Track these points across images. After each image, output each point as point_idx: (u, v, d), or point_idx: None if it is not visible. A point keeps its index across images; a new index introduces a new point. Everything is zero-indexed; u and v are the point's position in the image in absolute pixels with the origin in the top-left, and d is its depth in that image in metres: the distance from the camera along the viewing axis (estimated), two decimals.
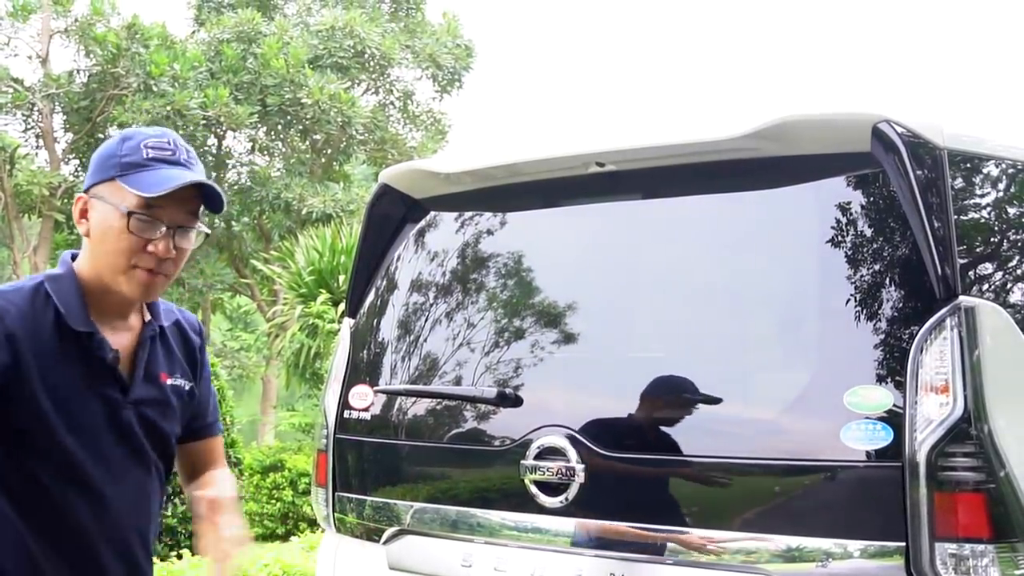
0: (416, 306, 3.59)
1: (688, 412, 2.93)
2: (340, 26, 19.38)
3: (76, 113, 18.68)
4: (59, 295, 2.24)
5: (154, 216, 2.23)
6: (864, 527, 2.56)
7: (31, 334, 2.17)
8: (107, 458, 2.27)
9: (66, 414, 2.20)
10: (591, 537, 2.96)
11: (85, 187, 2.29)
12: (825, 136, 2.79)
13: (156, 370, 2.39)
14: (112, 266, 2.24)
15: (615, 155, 3.12)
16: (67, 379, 2.21)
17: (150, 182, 2.21)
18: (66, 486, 2.22)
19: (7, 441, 2.17)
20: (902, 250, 2.68)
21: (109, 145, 2.30)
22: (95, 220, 2.25)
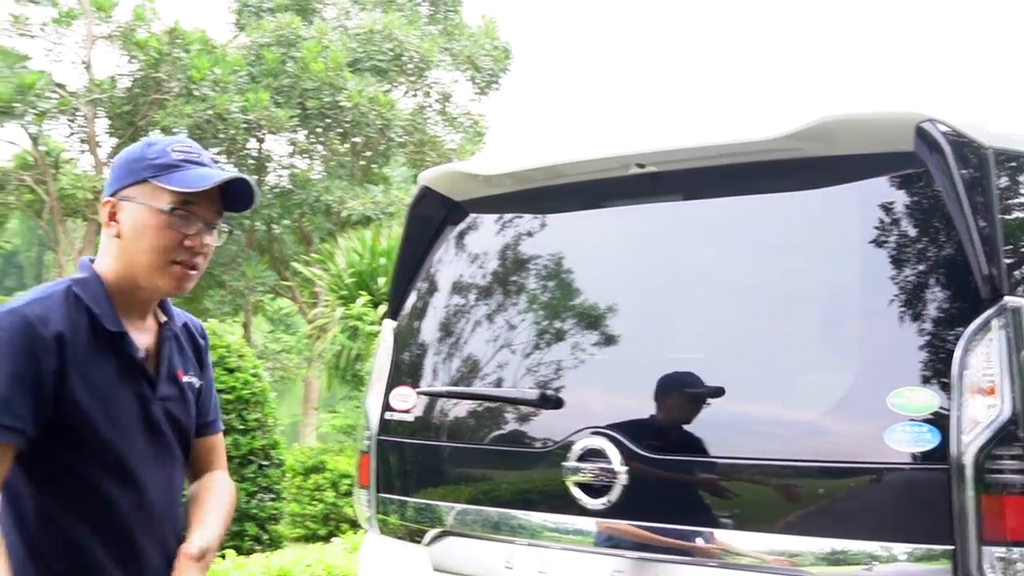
0: (457, 308, 3.59)
1: (732, 414, 2.91)
2: (379, 29, 19.46)
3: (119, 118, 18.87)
4: (89, 298, 2.32)
5: (190, 212, 2.34)
6: (910, 530, 2.53)
7: (73, 336, 2.26)
8: (142, 452, 2.37)
9: (105, 411, 2.29)
10: (633, 539, 2.95)
11: (110, 192, 2.38)
12: (868, 136, 2.77)
13: (174, 368, 2.50)
14: (149, 263, 2.34)
15: (656, 156, 3.11)
16: (104, 377, 2.30)
17: (189, 179, 2.33)
18: (109, 480, 2.30)
19: (52, 439, 2.24)
20: (947, 250, 2.66)
21: (133, 151, 2.40)
22: (128, 221, 2.34)
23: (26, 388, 2.19)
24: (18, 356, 2.19)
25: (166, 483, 2.44)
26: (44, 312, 2.25)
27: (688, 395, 2.96)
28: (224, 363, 8.51)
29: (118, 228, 2.35)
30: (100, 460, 2.29)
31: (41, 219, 19.94)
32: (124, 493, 2.32)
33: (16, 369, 2.19)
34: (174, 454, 2.47)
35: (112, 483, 2.30)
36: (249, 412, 8.65)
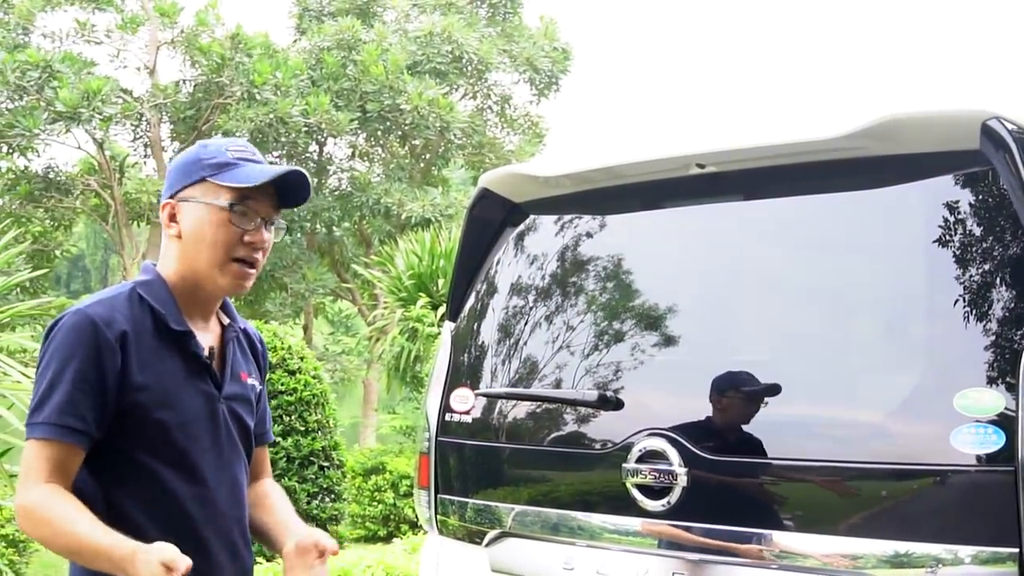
0: (516, 309, 3.60)
1: (794, 415, 2.89)
2: (438, 32, 19.54)
3: (182, 122, 19.13)
4: (154, 298, 2.37)
5: (248, 208, 2.39)
6: (975, 532, 2.50)
7: (137, 336, 2.31)
8: (208, 449, 2.40)
9: (171, 408, 2.33)
10: (693, 541, 2.94)
11: (168, 195, 2.43)
12: (932, 134, 2.74)
13: (238, 369, 2.54)
14: (210, 260, 2.39)
15: (716, 156, 3.10)
16: (169, 376, 2.34)
17: (246, 175, 2.38)
18: (176, 476, 2.34)
19: (119, 436, 2.29)
20: (1013, 249, 2.62)
21: (188, 154, 2.45)
22: (188, 221, 2.39)
23: (90, 389, 2.23)
24: (83, 357, 2.24)
25: (231, 480, 2.46)
26: (108, 312, 2.29)
27: (749, 396, 2.94)
28: (285, 365, 8.60)
29: (178, 229, 2.40)
30: (167, 456, 2.32)
31: (106, 223, 20.25)
32: (190, 489, 2.35)
33: (81, 370, 2.23)
34: (239, 453, 2.50)
35: (179, 479, 2.34)
36: (310, 414, 8.72)
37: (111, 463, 2.30)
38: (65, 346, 2.25)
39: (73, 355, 2.24)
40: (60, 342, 2.26)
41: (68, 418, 2.21)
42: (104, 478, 2.30)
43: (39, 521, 2.21)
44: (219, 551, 2.41)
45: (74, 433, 2.22)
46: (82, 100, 16.94)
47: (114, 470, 2.30)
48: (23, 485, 2.23)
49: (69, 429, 2.21)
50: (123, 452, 2.29)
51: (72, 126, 17.62)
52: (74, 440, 2.22)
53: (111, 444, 2.28)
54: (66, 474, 2.23)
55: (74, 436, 2.22)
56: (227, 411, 2.46)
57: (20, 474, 2.24)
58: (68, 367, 2.23)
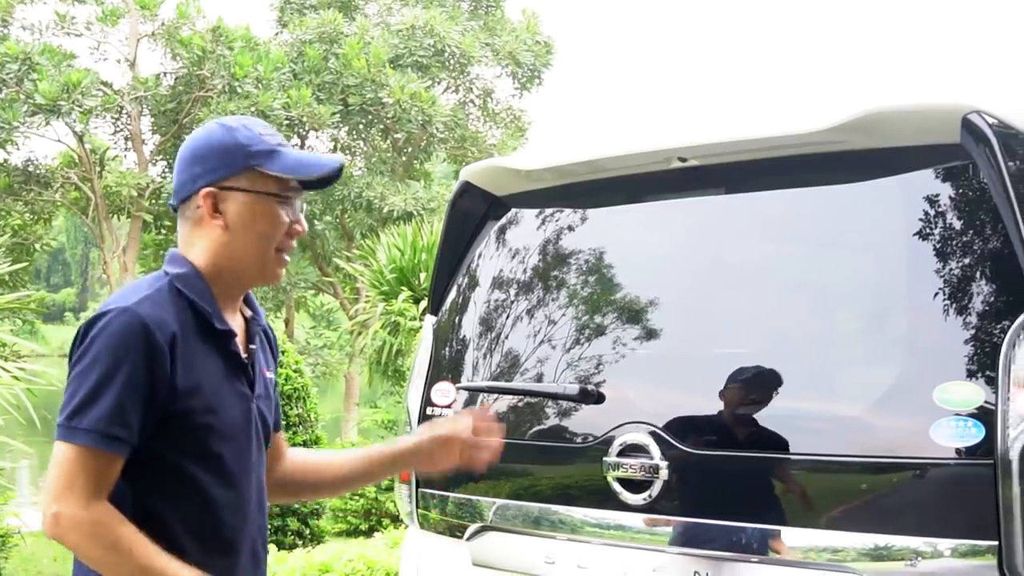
0: (498, 303, 3.59)
1: (773, 409, 2.89)
2: (420, 25, 19.51)
3: (163, 115, 19.06)
4: (195, 294, 2.26)
5: (293, 197, 2.33)
6: (955, 525, 2.51)
7: (184, 336, 2.20)
8: (240, 452, 2.32)
9: (216, 413, 2.24)
10: (674, 535, 2.94)
11: (206, 183, 2.28)
12: (913, 128, 2.74)
13: (261, 365, 2.45)
14: (260, 252, 2.31)
15: (698, 150, 3.10)
16: (211, 378, 2.25)
17: (297, 164, 2.31)
18: (211, 481, 2.24)
19: (159, 440, 2.18)
20: (993, 243, 2.62)
21: (220, 139, 2.30)
22: (236, 211, 2.28)
23: (139, 396, 2.12)
24: (135, 362, 2.11)
25: (258, 483, 2.40)
26: (158, 312, 2.17)
27: (729, 390, 2.94)
28: None
29: (223, 219, 2.28)
30: (205, 461, 2.23)
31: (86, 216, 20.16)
32: (225, 495, 2.27)
33: (132, 375, 2.11)
34: (263, 454, 2.43)
35: (215, 484, 2.25)
36: (291, 408, 8.72)
37: (147, 468, 2.18)
38: (114, 348, 2.11)
39: (124, 359, 2.11)
40: (108, 343, 2.12)
41: (115, 427, 2.09)
42: (138, 483, 2.18)
43: (106, 542, 2.09)
44: (245, 558, 2.35)
45: (119, 443, 2.11)
46: (62, 93, 16.86)
47: (150, 475, 2.19)
48: (69, 494, 2.09)
49: (115, 439, 2.10)
50: (161, 457, 2.19)
51: (52, 119, 17.54)
52: (118, 451, 2.12)
53: (149, 449, 2.17)
54: (108, 485, 2.12)
55: (118, 446, 2.11)
56: (256, 411, 2.38)
57: (59, 480, 2.10)
58: (118, 372, 2.10)
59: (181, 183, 2.33)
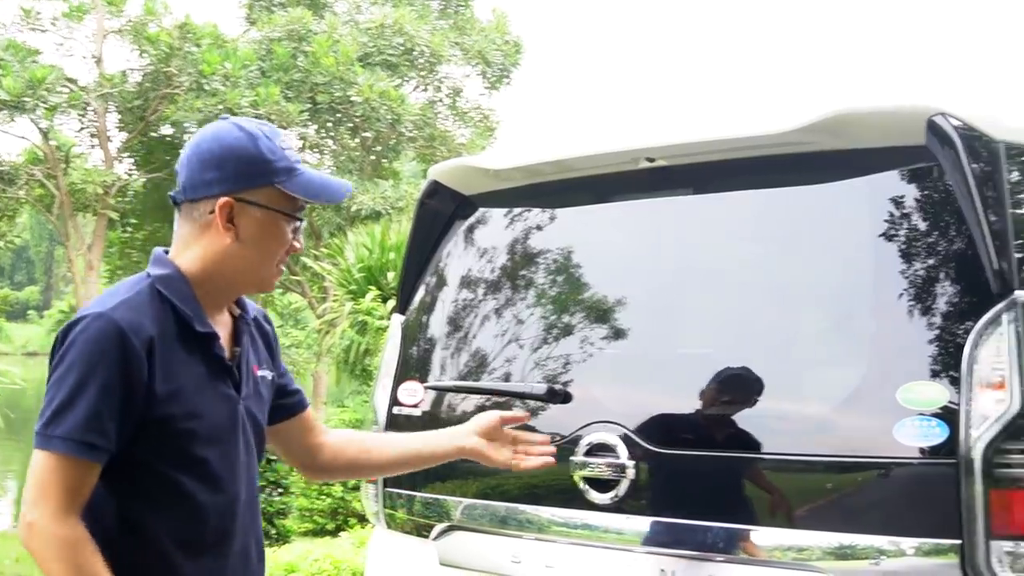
0: (466, 302, 3.59)
1: (739, 408, 2.91)
2: (389, 24, 19.47)
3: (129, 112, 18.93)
4: (176, 296, 2.22)
5: (300, 217, 2.33)
6: (918, 524, 2.53)
7: (162, 340, 2.16)
8: (228, 455, 2.28)
9: (193, 415, 2.20)
10: (641, 534, 2.95)
11: (224, 190, 2.23)
12: (879, 129, 2.76)
13: (251, 363, 2.40)
14: (263, 265, 2.29)
15: (666, 150, 3.11)
16: (192, 381, 2.21)
17: (316, 188, 2.30)
18: (196, 485, 2.21)
19: (139, 446, 2.14)
20: (957, 244, 2.65)
21: (243, 146, 2.25)
22: (249, 225, 2.24)
23: (115, 403, 2.09)
24: (110, 368, 2.08)
25: (249, 485, 2.36)
26: (135, 317, 2.13)
27: (696, 390, 2.95)
28: None
29: (236, 231, 2.24)
30: (189, 466, 2.20)
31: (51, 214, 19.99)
32: (212, 499, 2.24)
33: (108, 382, 2.08)
34: (254, 456, 2.39)
35: (201, 489, 2.22)
36: None
37: (128, 474, 2.16)
38: (89, 354, 2.08)
39: (98, 365, 2.08)
40: (83, 349, 2.09)
41: (90, 435, 2.06)
42: (119, 490, 2.16)
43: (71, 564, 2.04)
44: (235, 559, 2.31)
45: (95, 451, 2.08)
46: (26, 89, 16.71)
47: (131, 481, 2.16)
48: (43, 502, 2.06)
49: (90, 446, 2.07)
50: (142, 463, 2.16)
51: (16, 115, 17.38)
52: (94, 458, 2.09)
53: (130, 455, 2.14)
54: (83, 494, 2.10)
55: (94, 454, 2.08)
56: (245, 412, 2.33)
57: (35, 488, 2.07)
58: (92, 378, 2.07)
59: (193, 183, 2.26)
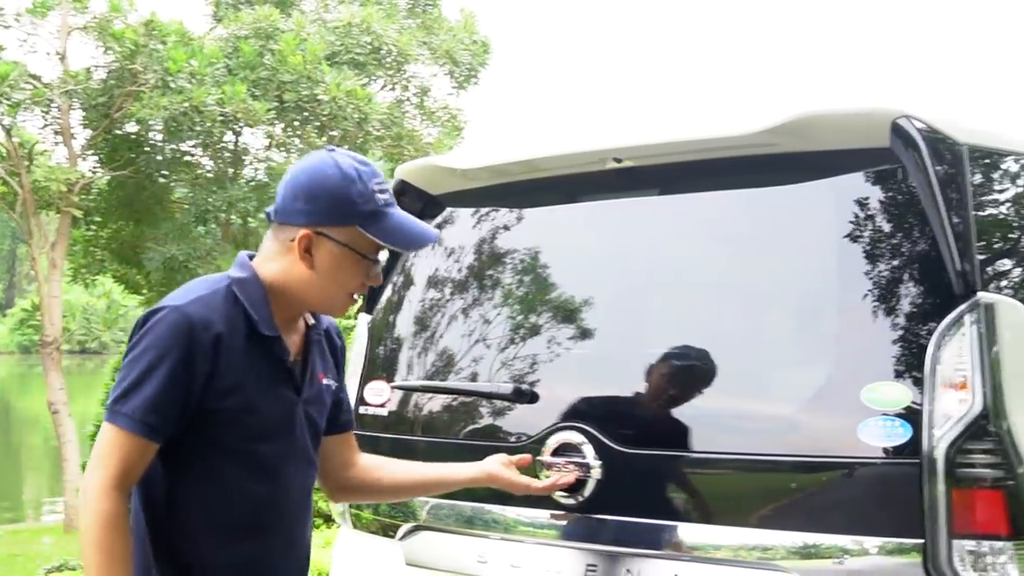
0: (433, 302, 3.59)
1: (706, 409, 2.92)
2: (357, 23, 19.37)
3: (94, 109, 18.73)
4: (248, 300, 2.38)
5: (379, 257, 2.47)
6: (882, 524, 2.55)
7: (229, 337, 2.33)
8: (281, 453, 2.44)
9: (250, 411, 2.37)
10: (607, 534, 2.95)
11: (307, 222, 2.37)
12: (844, 132, 2.78)
13: (317, 370, 2.56)
14: (333, 296, 2.45)
15: (632, 151, 3.11)
16: (253, 379, 2.37)
17: (398, 235, 2.43)
18: (246, 478, 2.38)
19: (194, 435, 2.33)
20: (921, 246, 2.67)
21: (335, 186, 2.37)
22: (325, 258, 2.39)
23: (177, 390, 2.27)
24: (176, 357, 2.27)
25: (300, 484, 2.51)
26: (206, 313, 2.31)
27: (662, 390, 2.96)
28: None
29: (311, 261, 2.39)
30: (241, 459, 2.37)
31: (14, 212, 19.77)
32: (260, 492, 2.40)
33: (172, 370, 2.26)
34: (309, 457, 2.54)
35: (250, 481, 2.38)
36: None
37: (183, 461, 2.35)
38: (160, 342, 2.27)
39: (167, 354, 2.26)
40: (156, 337, 2.28)
41: (151, 416, 2.26)
42: (172, 473, 2.35)
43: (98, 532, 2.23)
44: (277, 552, 2.46)
45: (153, 431, 2.27)
46: None
47: (184, 468, 2.35)
48: (101, 467, 2.26)
49: (149, 427, 2.26)
50: (197, 450, 2.34)
51: None
52: (152, 438, 2.28)
53: (187, 441, 2.33)
54: (137, 470, 2.28)
55: (153, 434, 2.27)
56: (303, 415, 2.49)
57: (96, 454, 2.28)
58: (161, 365, 2.26)
59: (284, 209, 2.42)
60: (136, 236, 19.21)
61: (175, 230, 18.16)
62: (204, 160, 20.02)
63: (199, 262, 19.16)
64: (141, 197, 19.08)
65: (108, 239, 20.18)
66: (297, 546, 2.53)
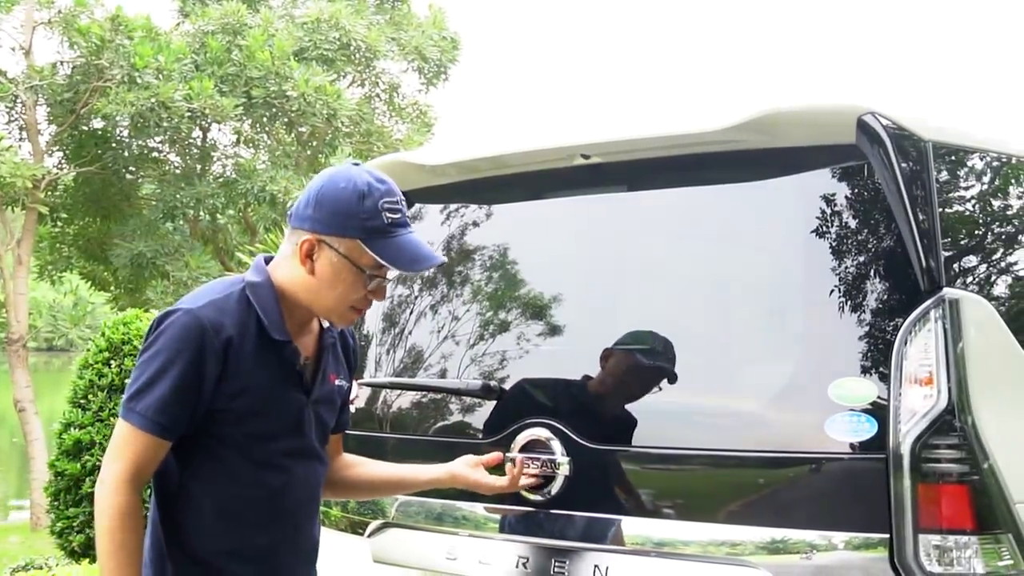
0: (401, 299, 3.57)
1: (673, 404, 2.93)
2: (325, 18, 19.29)
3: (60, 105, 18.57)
4: (260, 304, 2.46)
5: (382, 275, 2.49)
6: (849, 519, 2.56)
7: (240, 340, 2.41)
8: (289, 451, 2.52)
9: (259, 412, 2.45)
10: (575, 530, 2.95)
11: (310, 228, 2.44)
12: (810, 128, 2.78)
13: (328, 371, 2.63)
14: (332, 306, 2.49)
15: (600, 147, 3.11)
16: (263, 380, 2.45)
17: (397, 256, 2.44)
18: (253, 474, 2.47)
19: (205, 432, 2.42)
20: (887, 242, 2.68)
21: (347, 199, 2.42)
22: (324, 266, 2.45)
23: (188, 392, 2.36)
24: (187, 359, 2.35)
25: (306, 481, 2.58)
26: (218, 316, 2.39)
27: (630, 386, 2.97)
28: None
29: (312, 266, 2.45)
30: (248, 454, 2.45)
31: None
32: (269, 486, 2.48)
33: (183, 372, 2.35)
34: (317, 454, 2.61)
35: (258, 475, 2.47)
36: None
37: (194, 455, 2.44)
38: (173, 344, 2.36)
39: (179, 355, 2.35)
40: (169, 339, 2.37)
41: (162, 416, 2.35)
42: (184, 465, 2.45)
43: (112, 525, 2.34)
44: (287, 541, 2.55)
45: (164, 430, 2.37)
46: None
47: (196, 461, 2.44)
48: (115, 464, 2.37)
49: (160, 426, 2.36)
50: (208, 447, 2.44)
51: None
52: (164, 436, 2.38)
53: (198, 438, 2.42)
54: (150, 466, 2.40)
55: (164, 432, 2.37)
56: (313, 415, 2.56)
57: (112, 449, 2.39)
58: (172, 366, 2.35)
59: (298, 213, 2.49)
60: (103, 233, 19.06)
61: (142, 227, 18.03)
62: (172, 156, 19.90)
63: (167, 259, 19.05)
64: (108, 193, 18.94)
65: (75, 236, 20.02)
66: (305, 540, 2.61)
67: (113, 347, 7.88)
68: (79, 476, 7.69)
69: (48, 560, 8.22)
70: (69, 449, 7.80)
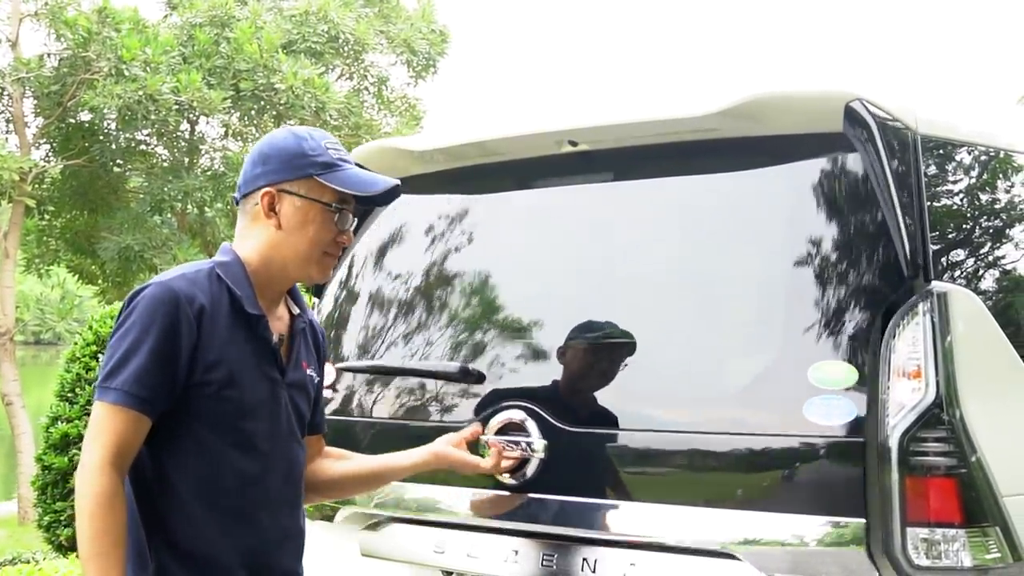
0: (384, 285, 3.56)
1: (652, 387, 2.91)
2: (314, 11, 19.25)
3: (47, 98, 18.50)
4: (232, 280, 2.45)
5: (346, 208, 2.52)
6: (826, 503, 2.54)
7: (213, 313, 2.40)
8: (267, 431, 2.50)
9: (239, 389, 2.43)
10: (552, 514, 2.93)
11: (267, 183, 2.49)
12: (797, 115, 2.76)
13: (301, 358, 2.63)
14: (306, 254, 2.50)
15: (586, 133, 3.09)
16: (238, 356, 2.43)
17: (355, 181, 2.51)
18: (232, 453, 2.44)
19: (181, 409, 2.38)
20: (875, 233, 2.66)
21: (287, 145, 2.51)
22: (289, 212, 2.48)
23: (165, 361, 2.33)
24: (161, 329, 2.33)
25: (286, 462, 2.56)
26: (189, 287, 2.38)
27: (608, 369, 2.95)
28: None
29: (277, 220, 2.48)
30: (228, 435, 2.43)
31: None
32: (247, 468, 2.46)
33: (158, 342, 2.32)
34: (296, 438, 2.60)
35: (237, 458, 2.44)
36: None
37: (171, 436, 2.39)
38: (145, 316, 2.34)
39: (152, 325, 2.33)
40: (141, 311, 2.35)
41: (141, 388, 2.31)
42: (160, 450, 2.40)
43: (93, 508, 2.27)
44: (270, 531, 2.52)
45: (144, 403, 2.32)
46: None
47: (172, 443, 2.40)
48: (95, 447, 2.31)
49: (141, 399, 2.32)
50: (184, 426, 2.40)
51: None
52: (143, 410, 2.33)
53: (174, 418, 2.38)
54: (131, 446, 2.34)
55: (144, 406, 2.33)
56: (288, 398, 2.55)
57: (90, 433, 2.34)
58: (147, 338, 2.32)
59: (245, 180, 2.54)
60: (90, 226, 18.98)
61: (130, 220, 17.96)
62: (159, 149, 19.82)
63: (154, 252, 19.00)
64: (95, 186, 18.87)
65: (62, 229, 19.94)
66: (289, 532, 2.59)
67: (100, 340, 7.84)
68: (66, 470, 7.67)
69: (35, 554, 8.19)
70: (56, 443, 7.78)
